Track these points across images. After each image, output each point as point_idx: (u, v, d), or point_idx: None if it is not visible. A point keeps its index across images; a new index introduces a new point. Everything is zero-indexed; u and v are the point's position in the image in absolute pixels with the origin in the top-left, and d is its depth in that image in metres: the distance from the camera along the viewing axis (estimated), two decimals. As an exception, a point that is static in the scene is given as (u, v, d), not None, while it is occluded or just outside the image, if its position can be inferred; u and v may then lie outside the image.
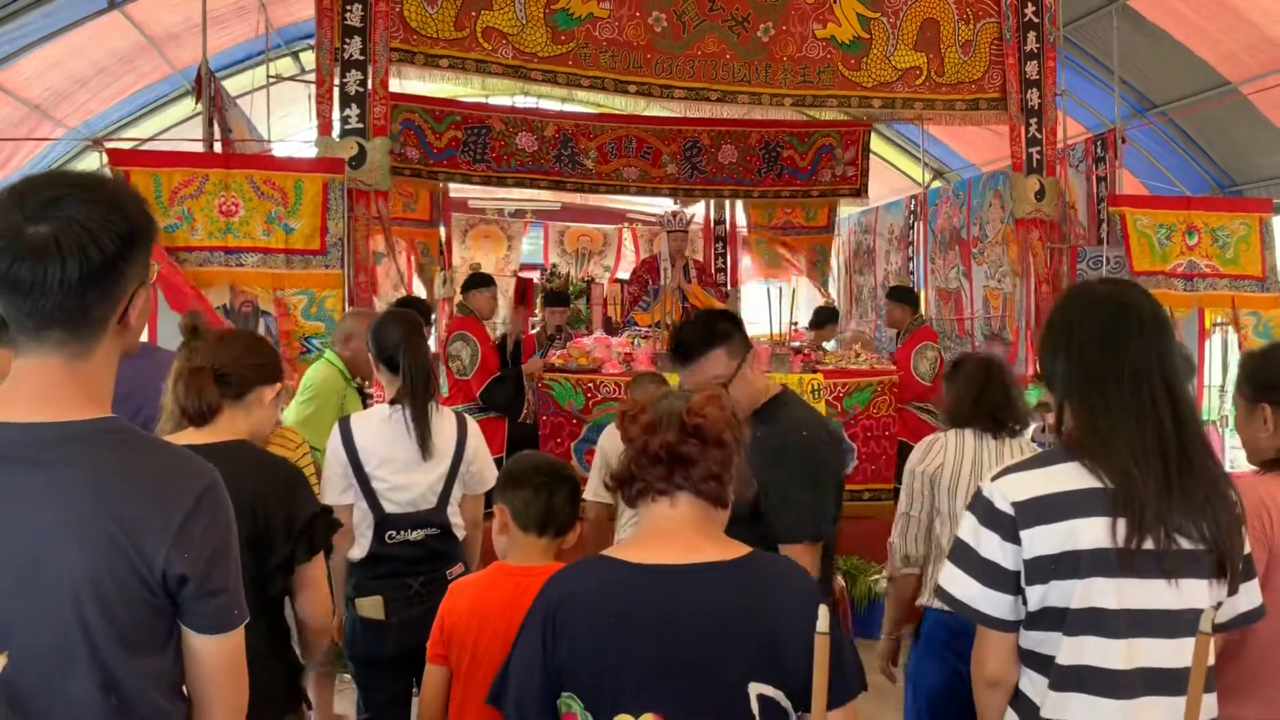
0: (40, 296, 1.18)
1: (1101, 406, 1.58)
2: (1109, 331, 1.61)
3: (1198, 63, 6.76)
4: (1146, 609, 1.55)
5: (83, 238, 1.18)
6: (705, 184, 8.20)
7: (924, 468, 2.84)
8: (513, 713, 1.54)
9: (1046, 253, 5.95)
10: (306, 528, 2.00)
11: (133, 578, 1.21)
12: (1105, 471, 1.55)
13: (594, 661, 1.48)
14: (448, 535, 2.72)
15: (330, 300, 4.73)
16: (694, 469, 1.52)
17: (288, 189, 4.72)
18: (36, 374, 1.23)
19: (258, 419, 2.09)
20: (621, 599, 1.50)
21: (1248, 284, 5.76)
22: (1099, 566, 1.54)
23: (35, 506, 1.19)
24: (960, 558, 1.66)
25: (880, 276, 9.54)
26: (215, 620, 1.29)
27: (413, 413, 2.66)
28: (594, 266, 11.20)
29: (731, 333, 2.44)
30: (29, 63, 6.39)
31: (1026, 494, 1.58)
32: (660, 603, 1.49)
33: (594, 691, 1.48)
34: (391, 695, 2.67)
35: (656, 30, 5.68)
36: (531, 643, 1.52)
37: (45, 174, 1.26)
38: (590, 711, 1.48)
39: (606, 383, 5.41)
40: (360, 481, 2.65)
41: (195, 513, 1.24)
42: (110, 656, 1.20)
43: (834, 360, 5.94)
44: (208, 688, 1.31)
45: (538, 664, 1.50)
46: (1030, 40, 5.95)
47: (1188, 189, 7.39)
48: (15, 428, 1.21)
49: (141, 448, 1.28)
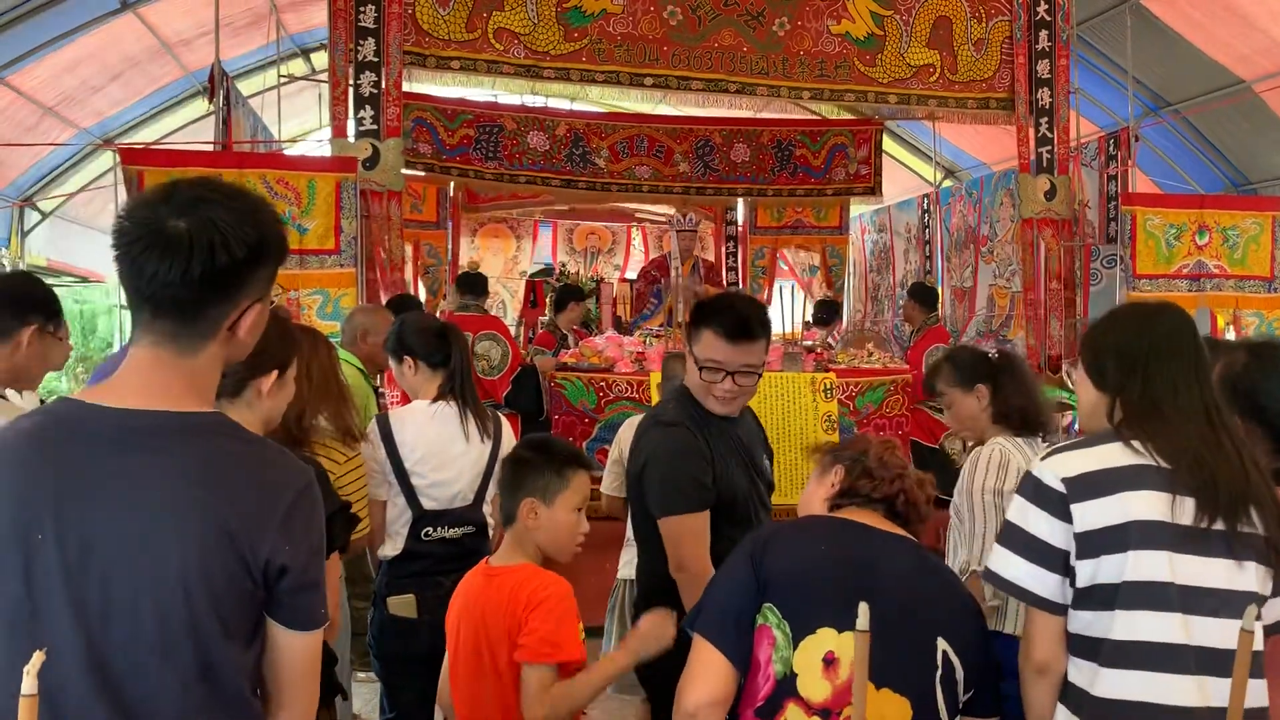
0: (161, 285, 1.23)
1: (1169, 394, 1.65)
2: (1175, 334, 1.71)
3: (1210, 62, 6.75)
4: (1203, 586, 1.57)
5: (214, 238, 1.24)
6: (718, 182, 8.17)
7: (1000, 486, 2.68)
8: (713, 624, 1.63)
9: (1060, 250, 5.93)
10: (327, 525, 1.99)
11: (238, 566, 1.24)
12: (1159, 451, 1.61)
13: (799, 577, 1.61)
14: (482, 534, 2.72)
15: (345, 299, 4.72)
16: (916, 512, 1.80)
17: (301, 189, 4.73)
18: (147, 364, 1.28)
19: (263, 411, 2.02)
20: (830, 533, 1.71)
21: (1253, 284, 5.76)
22: (1152, 539, 1.57)
23: (147, 491, 1.22)
24: (1008, 538, 1.69)
25: (899, 275, 9.52)
26: (307, 615, 1.32)
27: (471, 405, 2.72)
28: (603, 265, 11.19)
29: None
30: (43, 65, 6.41)
31: (1077, 470, 1.63)
32: (863, 545, 1.68)
33: (794, 603, 1.59)
34: (417, 694, 2.66)
35: (671, 24, 5.66)
36: (738, 563, 1.67)
37: (199, 178, 1.33)
38: (789, 621, 1.58)
39: (619, 382, 5.39)
40: (399, 478, 2.65)
41: (297, 506, 1.28)
42: (211, 643, 1.23)
43: (846, 359, 5.93)
44: (289, 685, 1.34)
45: (745, 575, 1.63)
46: (1042, 39, 5.93)
47: (1201, 187, 7.37)
48: (130, 414, 1.24)
49: (247, 442, 1.33)
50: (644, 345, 5.86)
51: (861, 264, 10.36)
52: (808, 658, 1.57)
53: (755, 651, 1.61)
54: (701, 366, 2.29)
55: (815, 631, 1.57)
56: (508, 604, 1.96)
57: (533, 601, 1.93)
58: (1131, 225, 5.66)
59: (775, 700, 1.58)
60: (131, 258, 1.24)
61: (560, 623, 1.93)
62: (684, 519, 2.25)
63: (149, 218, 1.24)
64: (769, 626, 1.58)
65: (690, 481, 2.25)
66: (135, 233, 1.24)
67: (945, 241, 8.53)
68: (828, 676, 1.57)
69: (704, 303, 2.43)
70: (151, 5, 6.46)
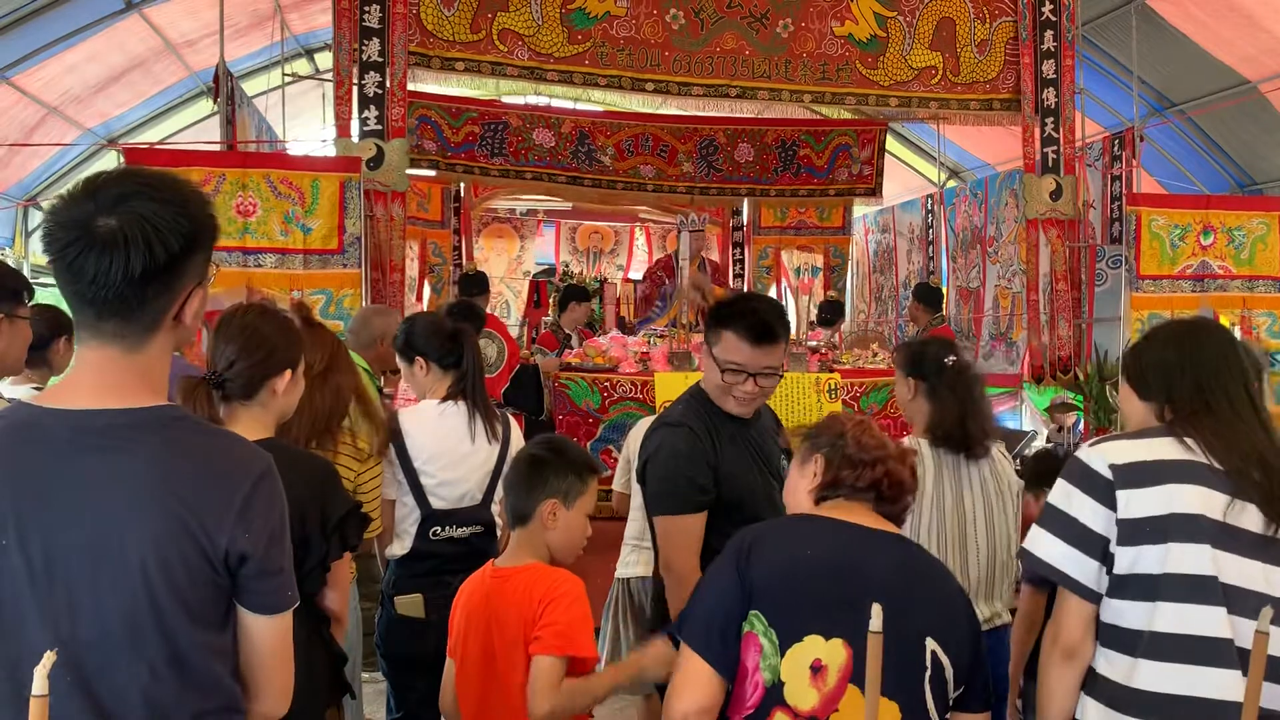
0: (102, 286, 1.23)
1: (1221, 399, 1.69)
2: (1223, 344, 1.76)
3: (1216, 62, 6.74)
4: (1245, 588, 1.58)
5: (149, 234, 1.23)
6: (721, 182, 8.17)
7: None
8: (699, 633, 1.62)
9: (1065, 251, 5.92)
10: (339, 525, 2.00)
11: (198, 556, 1.25)
12: (1212, 450, 1.63)
13: (785, 584, 1.59)
14: (490, 534, 2.72)
15: (349, 299, 4.72)
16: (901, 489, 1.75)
17: (305, 188, 4.72)
18: (96, 363, 1.28)
19: (276, 409, 2.03)
20: (814, 536, 1.67)
21: (1262, 285, 5.74)
22: (1197, 533, 1.58)
23: (104, 489, 1.23)
24: (1050, 521, 1.71)
25: (902, 275, 9.52)
26: (272, 600, 1.34)
27: (481, 406, 2.72)
28: (606, 265, 11.20)
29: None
30: (47, 66, 6.42)
31: (1126, 458, 1.66)
32: (849, 546, 1.65)
33: (781, 611, 1.57)
34: (424, 694, 2.65)
35: (674, 28, 5.67)
36: (723, 569, 1.64)
37: (120, 170, 1.32)
38: (775, 629, 1.56)
39: (623, 382, 5.39)
40: (408, 477, 2.66)
41: (254, 494, 1.29)
42: (178, 630, 1.25)
43: (850, 360, 5.93)
44: (260, 668, 1.36)
45: (730, 582, 1.61)
46: (1048, 39, 5.92)
47: (1207, 188, 7.35)
48: (81, 414, 1.25)
49: (201, 433, 1.34)
50: (648, 345, 5.85)
51: (865, 264, 10.36)
52: (795, 665, 1.57)
53: (743, 658, 1.60)
54: (724, 369, 2.28)
55: (802, 639, 1.56)
56: (524, 602, 1.95)
57: (549, 596, 1.93)
58: (1136, 226, 5.65)
59: (764, 708, 1.59)
60: (67, 261, 1.22)
61: (575, 618, 1.93)
62: (675, 519, 2.26)
63: (76, 218, 1.23)
64: (756, 634, 1.58)
65: (685, 482, 2.24)
66: (66, 236, 1.23)
67: (950, 242, 8.53)
68: (815, 684, 1.57)
69: (725, 304, 2.43)
70: (156, 6, 6.47)
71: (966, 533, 2.59)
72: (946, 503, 2.58)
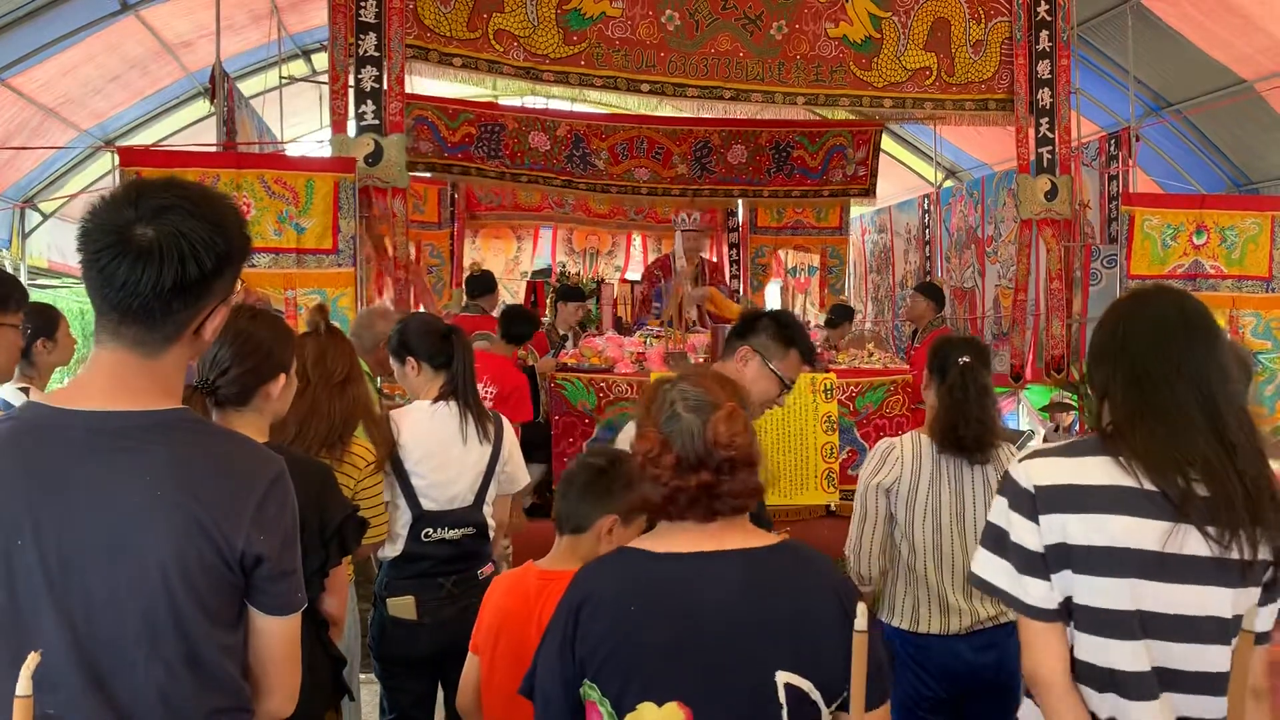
0: (130, 295, 1.24)
1: (1154, 407, 1.50)
2: (1163, 333, 1.53)
3: (1211, 61, 6.74)
4: (1180, 614, 1.47)
5: (184, 250, 1.25)
6: (715, 184, 8.18)
7: (871, 480, 2.68)
8: (539, 702, 1.55)
9: (1060, 250, 5.93)
10: (338, 530, 2.00)
11: (215, 557, 1.27)
12: (1148, 470, 1.47)
13: (612, 650, 1.47)
14: (482, 535, 2.72)
15: (344, 299, 4.73)
16: (733, 500, 1.49)
17: (299, 188, 4.73)
18: (112, 365, 1.29)
19: (270, 412, 2.02)
20: (640, 586, 1.49)
21: (1251, 284, 5.74)
22: (1118, 568, 1.46)
23: (122, 490, 1.24)
24: (989, 539, 1.59)
25: (899, 275, 9.53)
26: (284, 601, 1.36)
27: (473, 407, 2.73)
28: (603, 266, 11.19)
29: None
30: (44, 67, 6.41)
31: (1048, 479, 1.52)
32: (680, 589, 1.47)
33: (613, 680, 1.47)
34: (416, 696, 2.67)
35: (669, 29, 5.68)
36: (556, 634, 1.53)
37: (164, 179, 1.32)
38: (609, 699, 1.47)
39: (619, 383, 5.39)
40: (399, 478, 2.66)
41: (269, 497, 1.31)
42: (196, 630, 1.27)
43: (846, 359, 5.93)
44: (271, 668, 1.38)
45: (562, 653, 1.51)
46: (1043, 39, 5.92)
47: (1203, 187, 7.36)
48: (97, 415, 1.26)
49: (216, 436, 1.37)
50: (644, 346, 5.85)
51: (861, 264, 10.37)
52: None
53: None
54: (787, 383, 2.55)
55: (635, 709, 1.45)
56: None
57: None
58: (1129, 225, 5.65)
59: None
60: (100, 265, 1.24)
61: None
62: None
63: (115, 223, 1.24)
64: (594, 702, 1.49)
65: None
66: (103, 240, 1.24)
67: (945, 242, 8.54)
68: None
69: (791, 324, 2.63)
70: (152, 7, 6.47)
71: (967, 532, 2.60)
72: (944, 500, 2.59)
